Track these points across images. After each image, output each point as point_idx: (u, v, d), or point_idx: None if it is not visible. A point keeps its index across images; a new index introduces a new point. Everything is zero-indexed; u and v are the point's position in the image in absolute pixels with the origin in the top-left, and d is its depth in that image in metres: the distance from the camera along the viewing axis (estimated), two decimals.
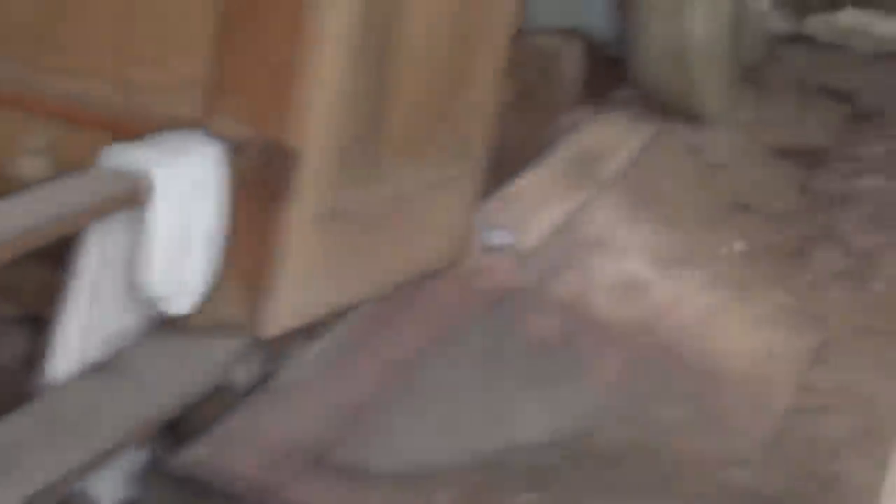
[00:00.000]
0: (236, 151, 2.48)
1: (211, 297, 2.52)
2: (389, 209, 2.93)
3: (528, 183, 3.81)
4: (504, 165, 3.75)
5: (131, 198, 2.32)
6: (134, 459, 2.41)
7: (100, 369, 2.41)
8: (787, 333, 3.26)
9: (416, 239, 3.06)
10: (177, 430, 2.45)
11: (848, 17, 6.02)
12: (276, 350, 2.70)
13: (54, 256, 2.35)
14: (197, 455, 2.40)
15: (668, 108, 4.40)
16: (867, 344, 3.25)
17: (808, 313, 3.36)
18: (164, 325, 2.52)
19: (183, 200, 2.38)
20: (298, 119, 2.53)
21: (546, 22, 4.31)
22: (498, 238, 3.43)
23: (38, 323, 2.52)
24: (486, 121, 3.18)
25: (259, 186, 2.52)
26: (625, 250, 3.55)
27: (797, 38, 5.73)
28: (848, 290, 3.52)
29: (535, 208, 3.66)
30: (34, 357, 2.46)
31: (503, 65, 3.21)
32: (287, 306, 2.64)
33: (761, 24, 5.60)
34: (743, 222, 3.85)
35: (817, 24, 5.95)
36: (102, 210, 2.31)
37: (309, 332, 2.80)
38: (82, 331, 2.37)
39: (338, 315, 2.89)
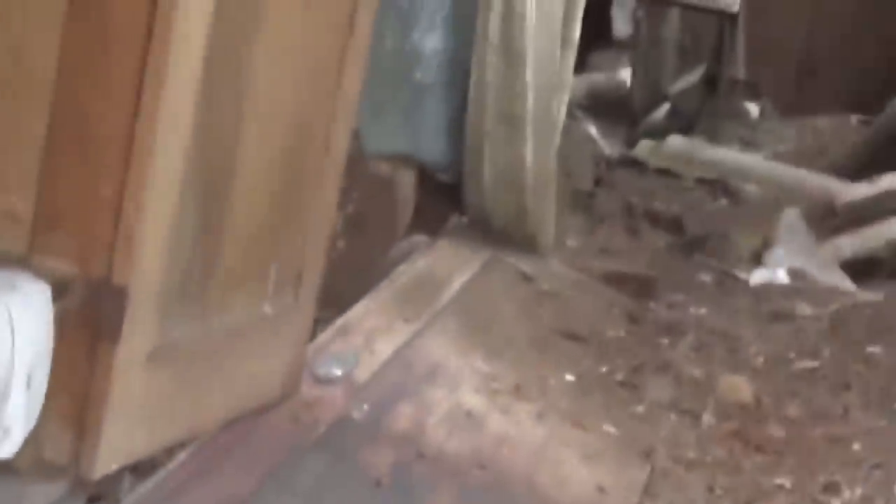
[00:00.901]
0: (62, 290, 2.43)
1: (34, 440, 2.45)
2: (221, 344, 2.89)
3: (362, 313, 3.80)
4: (338, 294, 3.74)
5: None
6: None
7: None
8: (617, 466, 3.27)
9: (248, 373, 3.02)
10: None
11: (674, 144, 6.16)
12: (103, 491, 2.63)
13: None
14: None
15: (501, 235, 4.44)
16: (696, 476, 3.29)
17: (637, 445, 3.39)
18: None
19: (3, 341, 2.32)
20: (127, 257, 2.49)
21: (379, 148, 4.32)
22: (331, 370, 3.40)
23: None
24: (319, 251, 3.17)
25: (85, 326, 2.47)
26: (458, 381, 3.55)
27: (626, 164, 5.85)
28: (677, 421, 3.56)
29: (368, 339, 3.65)
30: None
31: (337, 195, 3.21)
32: (113, 447, 2.58)
33: (591, 149, 5.71)
34: (574, 352, 3.88)
35: (645, 150, 6.08)
36: None
37: (137, 470, 2.74)
38: None
39: (168, 452, 2.84)
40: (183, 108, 2.53)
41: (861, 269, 4.75)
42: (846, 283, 4.63)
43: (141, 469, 2.76)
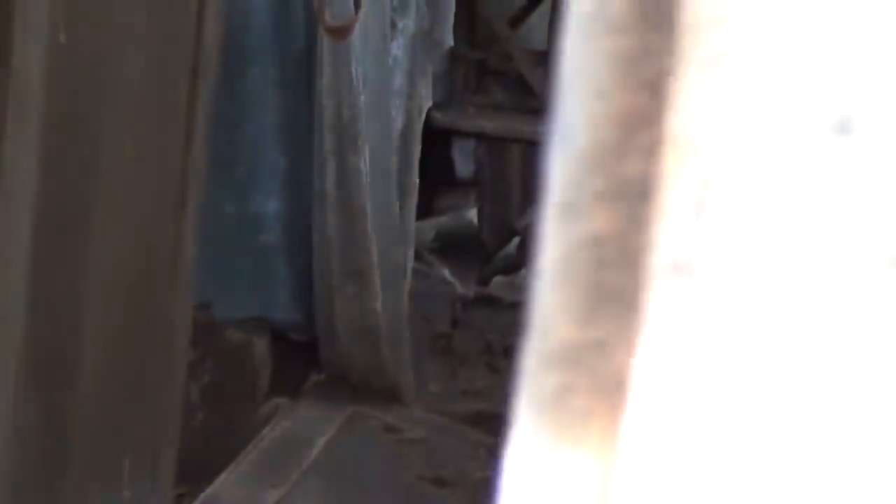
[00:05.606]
0: None
1: None
2: None
3: (227, 484, 3.76)
4: (200, 466, 3.70)
5: None
6: None
7: None
8: None
9: None
10: None
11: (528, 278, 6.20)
12: None
13: None
14: None
15: (361, 389, 4.43)
16: None
17: None
18: None
19: None
20: None
21: (230, 315, 4.31)
22: None
23: None
24: (171, 432, 3.15)
25: None
26: None
27: (482, 302, 5.87)
28: None
29: None
30: None
31: (184, 372, 3.20)
32: None
33: (445, 291, 5.74)
34: (444, 498, 3.88)
35: (500, 285, 6.12)
36: None
37: None
38: None
39: None
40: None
41: None
42: None
43: None
